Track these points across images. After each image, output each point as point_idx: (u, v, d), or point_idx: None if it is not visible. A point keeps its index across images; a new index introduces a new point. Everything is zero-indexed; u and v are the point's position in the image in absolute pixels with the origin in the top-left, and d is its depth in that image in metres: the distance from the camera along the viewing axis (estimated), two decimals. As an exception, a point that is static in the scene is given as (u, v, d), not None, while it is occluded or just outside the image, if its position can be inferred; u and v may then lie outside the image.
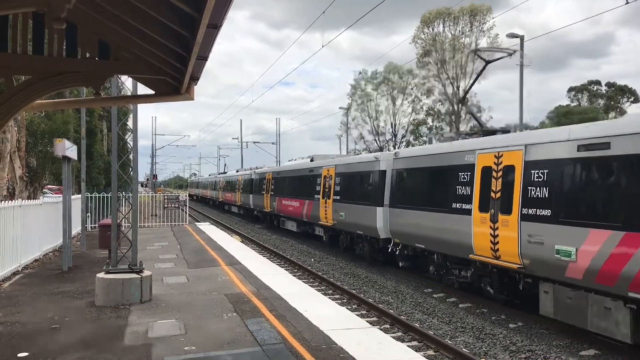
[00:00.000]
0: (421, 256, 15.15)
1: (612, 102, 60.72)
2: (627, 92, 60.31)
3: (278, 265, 16.83)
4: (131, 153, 11.39)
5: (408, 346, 8.40)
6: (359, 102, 58.59)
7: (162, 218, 30.28)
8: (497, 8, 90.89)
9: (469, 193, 12.35)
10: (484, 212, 11.73)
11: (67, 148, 14.21)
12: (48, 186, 29.15)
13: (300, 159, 29.56)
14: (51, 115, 22.29)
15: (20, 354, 7.25)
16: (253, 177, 37.70)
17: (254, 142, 68.98)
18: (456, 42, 50.38)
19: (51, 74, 6.10)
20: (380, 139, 57.63)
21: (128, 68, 6.56)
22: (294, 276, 14.55)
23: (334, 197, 21.00)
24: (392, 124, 57.24)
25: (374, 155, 19.55)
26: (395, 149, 34.72)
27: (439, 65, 49.28)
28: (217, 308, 9.83)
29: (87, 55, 6.22)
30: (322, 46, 76.42)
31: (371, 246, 18.20)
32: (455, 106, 49.77)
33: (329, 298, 11.99)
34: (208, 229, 26.62)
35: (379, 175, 17.55)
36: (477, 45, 50.20)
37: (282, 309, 9.72)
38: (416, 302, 12.97)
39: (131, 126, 11.29)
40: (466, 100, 23.09)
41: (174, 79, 6.58)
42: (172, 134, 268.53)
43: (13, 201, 14.01)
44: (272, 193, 31.13)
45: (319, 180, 23.05)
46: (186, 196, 33.85)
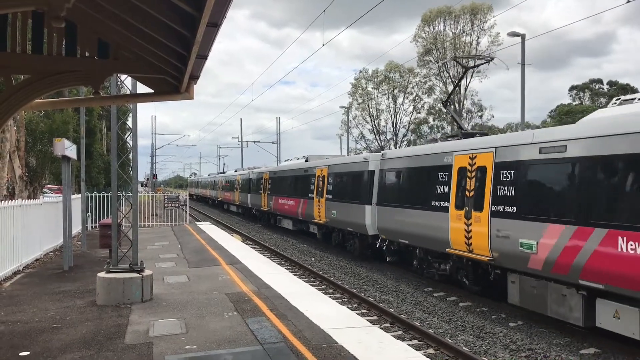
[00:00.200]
0: (406, 251, 15.99)
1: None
2: (629, 91, 60.30)
3: (279, 264, 16.84)
4: (131, 152, 11.38)
5: (408, 345, 8.40)
6: (360, 101, 58.61)
7: (163, 218, 30.26)
8: (498, 7, 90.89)
9: (447, 192, 13.21)
10: (460, 210, 12.61)
11: (67, 147, 14.21)
12: (48, 186, 29.08)
13: (295, 160, 30.25)
14: (50, 114, 22.21)
15: (21, 353, 7.27)
16: (251, 177, 38.27)
17: (254, 142, 69.12)
18: (457, 41, 50.36)
19: (50, 73, 6.09)
20: (381, 138, 57.68)
21: (128, 67, 6.56)
22: (295, 275, 14.56)
23: (327, 196, 21.73)
24: (393, 123, 57.28)
25: (364, 156, 20.49)
26: (395, 149, 34.68)
27: (440, 64, 49.30)
28: (218, 307, 9.83)
29: (87, 54, 6.21)
30: (323, 45, 75.85)
31: (361, 242, 19.06)
32: (456, 105, 49.76)
33: (330, 297, 12.01)
34: (208, 229, 26.62)
35: (368, 175, 18.35)
36: (478, 44, 50.21)
37: (283, 308, 9.72)
38: (416, 301, 12.99)
39: (131, 125, 11.29)
40: (448, 103, 23.38)
41: (174, 78, 6.57)
42: (172, 133, 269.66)
43: (13, 201, 14.01)
44: (269, 192, 31.65)
45: (313, 180, 23.68)
46: (186, 196, 33.86)
